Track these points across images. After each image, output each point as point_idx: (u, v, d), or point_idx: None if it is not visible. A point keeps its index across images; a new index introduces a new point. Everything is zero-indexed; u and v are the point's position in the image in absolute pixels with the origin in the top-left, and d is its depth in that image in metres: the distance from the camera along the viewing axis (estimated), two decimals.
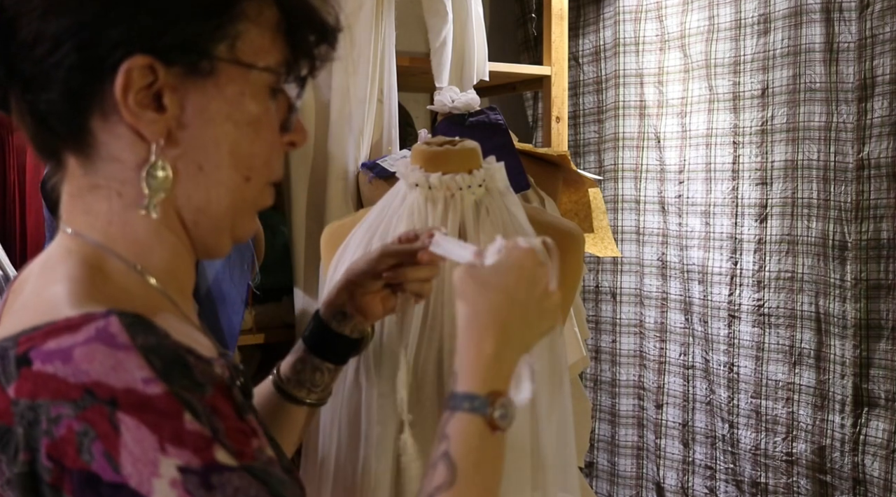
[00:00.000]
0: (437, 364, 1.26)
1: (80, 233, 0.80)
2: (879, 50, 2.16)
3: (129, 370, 0.69)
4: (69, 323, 0.71)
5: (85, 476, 0.67)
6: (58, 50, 0.74)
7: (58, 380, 0.68)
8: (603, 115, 2.94)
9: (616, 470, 2.98)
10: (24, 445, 0.68)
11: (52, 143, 0.80)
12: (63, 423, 0.67)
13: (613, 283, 2.96)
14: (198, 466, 0.68)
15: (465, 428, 0.85)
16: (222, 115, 0.80)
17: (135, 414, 0.68)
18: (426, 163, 1.32)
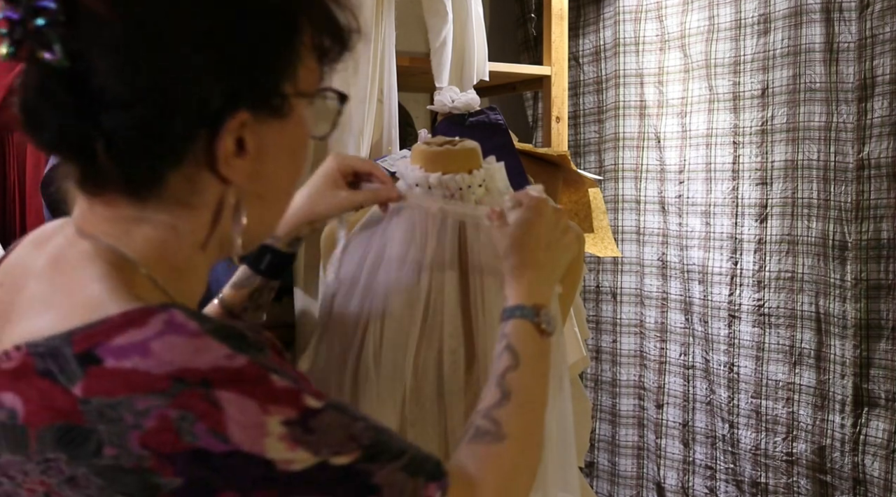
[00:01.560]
0: (437, 364, 1.26)
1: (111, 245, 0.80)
2: (879, 50, 2.16)
3: (210, 351, 0.72)
4: (128, 318, 0.73)
5: (191, 454, 0.70)
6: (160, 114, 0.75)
7: (139, 373, 0.70)
8: (603, 115, 2.94)
9: (616, 470, 2.98)
10: (109, 441, 0.70)
11: (111, 188, 0.79)
12: (153, 414, 0.70)
13: (614, 283, 2.95)
14: (296, 416, 0.73)
15: (520, 328, 1.05)
16: (286, 147, 0.84)
17: (230, 387, 0.71)
18: (426, 163, 1.32)
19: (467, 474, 0.90)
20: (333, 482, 0.75)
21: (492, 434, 0.94)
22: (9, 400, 0.74)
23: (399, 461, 0.79)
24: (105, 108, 0.74)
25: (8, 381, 0.74)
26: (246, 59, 0.77)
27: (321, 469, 0.74)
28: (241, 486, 0.72)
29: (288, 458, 0.73)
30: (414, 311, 1.26)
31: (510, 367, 1.01)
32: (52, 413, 0.72)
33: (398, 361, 1.25)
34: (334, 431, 0.75)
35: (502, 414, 0.97)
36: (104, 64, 0.73)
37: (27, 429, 0.73)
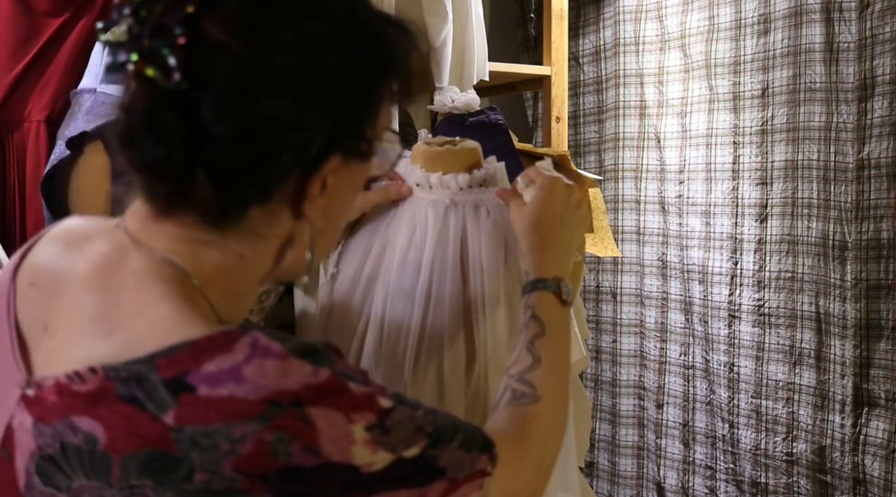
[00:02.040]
0: (437, 364, 1.26)
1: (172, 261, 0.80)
2: (879, 50, 2.16)
3: (297, 371, 0.73)
4: (214, 342, 0.73)
5: (284, 472, 0.71)
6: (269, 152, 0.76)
7: (236, 401, 0.71)
8: (603, 115, 2.94)
9: (616, 470, 2.98)
10: (201, 468, 0.70)
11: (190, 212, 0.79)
12: (250, 440, 0.70)
13: (614, 283, 2.95)
14: (375, 420, 0.76)
15: (543, 299, 1.11)
16: (354, 186, 0.88)
17: (319, 403, 0.73)
18: (427, 163, 1.32)
19: (512, 436, 0.95)
20: (408, 474, 0.78)
21: (528, 396, 1.01)
22: (86, 425, 0.72)
23: (455, 440, 0.82)
24: (213, 139, 0.74)
25: (83, 404, 0.72)
26: (349, 107, 0.80)
27: (397, 464, 0.77)
28: (329, 493, 0.74)
29: (370, 461, 0.75)
30: (414, 310, 1.26)
31: (538, 334, 1.07)
32: (140, 441, 0.71)
33: (398, 361, 1.25)
34: (404, 426, 0.78)
35: (535, 377, 1.03)
36: (218, 95, 0.74)
37: (109, 456, 0.71)
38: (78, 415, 0.72)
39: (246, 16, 0.75)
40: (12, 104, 1.84)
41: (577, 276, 1.40)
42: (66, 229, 0.89)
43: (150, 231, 0.81)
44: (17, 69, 1.83)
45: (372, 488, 0.76)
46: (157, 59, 0.72)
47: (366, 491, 0.76)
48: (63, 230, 0.89)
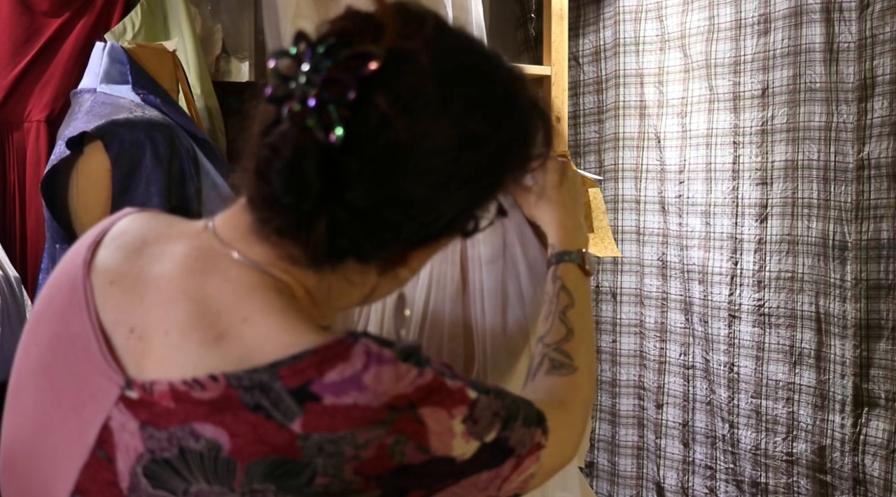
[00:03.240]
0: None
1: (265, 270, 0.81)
2: (879, 50, 2.16)
3: (406, 374, 0.76)
4: (332, 351, 0.74)
5: (396, 471, 0.75)
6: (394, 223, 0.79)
7: (361, 408, 0.73)
8: (603, 115, 2.94)
9: (616, 470, 2.98)
10: (324, 472, 0.73)
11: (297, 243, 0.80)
12: (374, 445, 0.73)
13: (613, 283, 2.95)
14: (468, 411, 0.79)
15: (570, 271, 1.17)
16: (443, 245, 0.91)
17: (428, 403, 0.76)
18: None
19: (558, 406, 0.98)
20: (488, 457, 0.82)
21: (567, 367, 1.05)
22: (209, 432, 0.73)
23: (519, 418, 0.85)
24: (347, 203, 0.76)
25: (206, 411, 0.73)
26: (481, 197, 0.86)
27: (482, 450, 0.81)
28: (429, 484, 0.78)
29: (464, 451, 0.79)
30: (414, 310, 1.26)
31: (568, 305, 1.12)
32: (266, 448, 0.72)
33: None
34: (486, 414, 0.81)
35: (571, 348, 1.08)
36: (368, 164, 0.75)
37: (234, 462, 0.73)
38: (200, 422, 0.73)
39: (418, 98, 0.76)
40: (12, 104, 1.84)
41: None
42: (136, 224, 0.89)
43: (248, 244, 0.82)
44: (17, 69, 1.84)
45: (462, 475, 0.80)
46: (322, 113, 0.73)
47: (456, 478, 0.80)
48: (131, 225, 0.89)
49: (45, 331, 0.84)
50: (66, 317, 0.82)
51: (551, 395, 1.01)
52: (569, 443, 0.97)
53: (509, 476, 0.85)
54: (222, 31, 2.26)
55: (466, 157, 0.80)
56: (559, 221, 1.24)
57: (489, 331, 1.27)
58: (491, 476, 0.83)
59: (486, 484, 0.83)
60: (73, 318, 0.82)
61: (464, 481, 0.81)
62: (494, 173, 0.85)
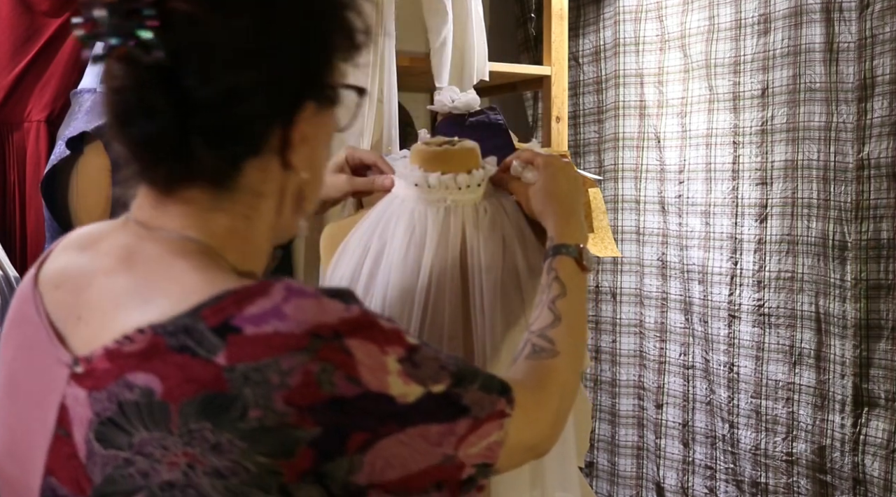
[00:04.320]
0: None
1: (191, 237, 0.86)
2: (879, 50, 2.16)
3: (331, 307, 0.80)
4: (251, 290, 0.79)
5: (329, 402, 0.77)
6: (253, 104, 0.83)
7: (282, 335, 0.76)
8: (603, 115, 2.94)
9: (616, 470, 2.98)
10: (255, 404, 0.75)
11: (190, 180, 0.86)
12: (298, 372, 0.76)
13: (613, 283, 2.95)
14: (405, 353, 0.82)
15: (565, 264, 1.18)
16: (328, 135, 0.95)
17: (356, 335, 0.79)
18: (425, 163, 1.32)
19: (531, 385, 1.01)
20: (436, 408, 0.84)
21: (548, 351, 1.07)
22: (141, 380, 0.76)
23: (476, 382, 0.88)
24: (199, 105, 0.81)
25: (136, 362, 0.77)
26: (313, 57, 0.88)
27: (427, 398, 0.83)
28: (370, 424, 0.79)
29: (404, 393, 0.81)
30: (413, 311, 1.26)
31: (559, 295, 1.14)
32: (196, 385, 0.75)
33: None
34: (430, 363, 0.84)
35: (555, 334, 1.09)
36: (197, 63, 0.81)
37: (168, 404, 0.75)
38: (132, 372, 0.77)
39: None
40: (12, 104, 1.84)
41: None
42: (77, 236, 0.95)
43: (159, 215, 0.87)
44: (17, 69, 1.84)
45: (406, 420, 0.81)
46: (136, 40, 0.78)
47: (400, 423, 0.81)
48: (73, 238, 0.95)
49: (10, 346, 0.91)
50: (23, 328, 0.89)
51: (527, 375, 1.04)
52: (541, 422, 0.99)
53: (466, 436, 0.86)
54: None
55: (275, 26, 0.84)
56: (558, 216, 1.25)
57: (489, 331, 1.27)
58: (442, 431, 0.84)
59: (437, 439, 0.84)
60: (29, 326, 0.88)
61: (410, 429, 0.82)
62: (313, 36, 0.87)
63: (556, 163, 1.30)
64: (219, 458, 0.75)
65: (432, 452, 0.84)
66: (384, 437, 0.80)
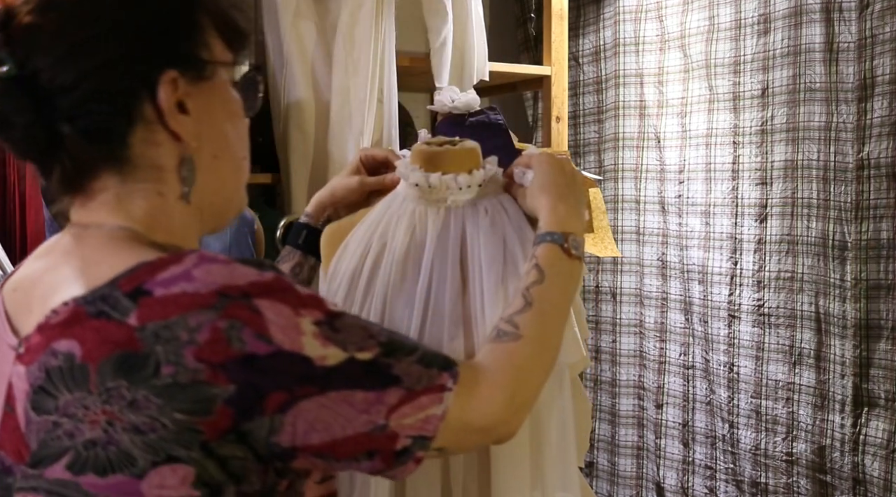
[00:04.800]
0: None
1: (118, 225, 0.93)
2: (879, 50, 2.16)
3: (242, 272, 0.85)
4: (164, 260, 0.85)
5: (241, 360, 0.81)
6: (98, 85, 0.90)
7: (189, 295, 0.82)
8: (603, 115, 2.94)
9: (616, 470, 2.98)
10: (167, 360, 0.80)
11: (92, 166, 0.93)
12: (206, 328, 0.81)
13: (613, 283, 2.95)
14: (323, 317, 0.86)
15: (549, 252, 1.14)
16: (219, 109, 0.99)
17: (266, 296, 0.84)
18: (426, 163, 1.32)
19: (480, 366, 1.01)
20: (361, 375, 0.87)
21: (510, 335, 1.05)
22: (63, 346, 0.83)
23: (413, 355, 0.91)
24: (56, 95, 0.89)
25: (59, 330, 0.83)
26: (158, 32, 0.93)
27: (350, 363, 0.86)
28: (286, 384, 0.83)
29: (322, 355, 0.84)
30: (414, 310, 1.26)
31: (536, 281, 1.11)
32: (111, 345, 0.81)
33: None
34: (356, 330, 0.88)
35: (522, 319, 1.06)
36: (45, 61, 0.89)
37: (87, 365, 0.81)
38: (56, 341, 0.83)
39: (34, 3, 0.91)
40: None
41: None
42: (39, 248, 1.03)
43: (87, 213, 0.95)
44: None
45: (327, 384, 0.85)
46: None
47: (320, 386, 0.84)
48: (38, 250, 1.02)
49: None
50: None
51: (482, 356, 1.03)
52: (492, 403, 0.97)
53: (398, 407, 0.88)
54: None
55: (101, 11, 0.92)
56: (550, 207, 1.22)
57: (489, 331, 1.27)
58: (369, 398, 0.86)
59: (364, 406, 0.86)
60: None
61: (332, 393, 0.85)
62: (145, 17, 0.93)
63: (548, 158, 1.28)
64: (136, 414, 0.80)
65: (358, 419, 0.86)
66: (303, 398, 0.84)
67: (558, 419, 1.30)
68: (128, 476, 0.81)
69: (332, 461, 0.88)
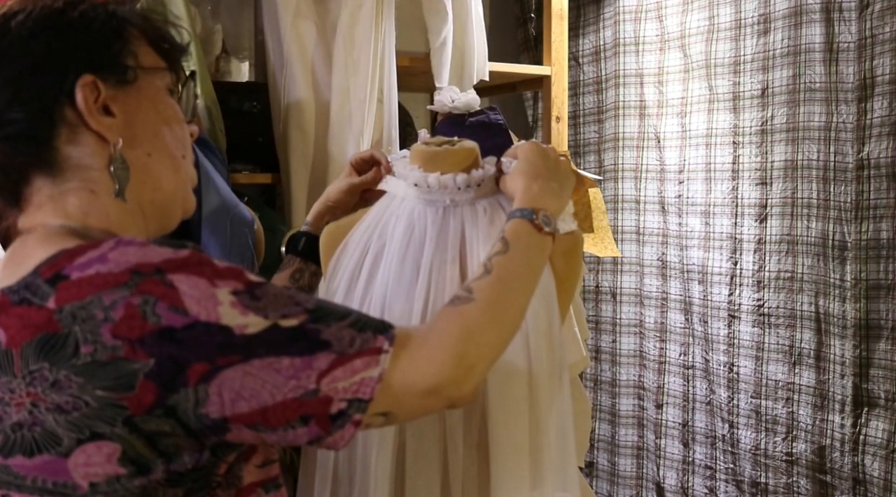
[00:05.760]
0: None
1: (55, 225, 0.97)
2: (879, 50, 2.16)
3: (157, 251, 0.87)
4: (83, 246, 0.88)
5: (157, 334, 0.83)
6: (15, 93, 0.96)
7: (102, 275, 0.85)
8: (603, 115, 2.94)
9: (616, 470, 2.98)
10: (84, 340, 0.83)
11: (22, 172, 0.98)
12: (120, 305, 0.84)
13: (613, 283, 2.95)
14: (243, 287, 0.88)
15: (517, 226, 1.14)
16: (151, 111, 1.03)
17: (180, 271, 0.86)
18: (425, 163, 1.32)
19: (424, 328, 0.99)
20: (286, 341, 0.87)
21: (463, 299, 1.02)
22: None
23: (345, 321, 0.91)
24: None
25: None
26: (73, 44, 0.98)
27: (273, 330, 0.87)
28: (207, 355, 0.84)
29: (242, 323, 0.86)
30: (413, 311, 1.26)
31: (499, 252, 1.10)
32: (32, 329, 0.85)
33: None
34: (279, 299, 0.89)
35: (478, 285, 1.04)
36: None
37: (11, 351, 0.85)
38: None
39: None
40: None
41: (577, 276, 1.39)
42: None
43: (28, 220, 0.99)
44: None
45: (250, 352, 0.85)
46: None
47: (244, 354, 0.85)
48: None
49: None
50: None
51: (432, 320, 1.00)
52: (435, 362, 0.94)
53: (329, 371, 0.88)
54: (222, 31, 2.25)
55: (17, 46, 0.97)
56: (525, 186, 1.22)
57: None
58: (297, 364, 0.87)
59: (291, 371, 0.87)
60: None
61: (256, 361, 0.85)
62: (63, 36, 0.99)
63: (531, 145, 1.30)
64: (58, 394, 0.84)
65: (287, 385, 0.87)
66: (226, 367, 0.85)
67: (558, 419, 1.29)
68: (54, 455, 0.85)
69: (267, 431, 0.88)
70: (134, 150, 1.01)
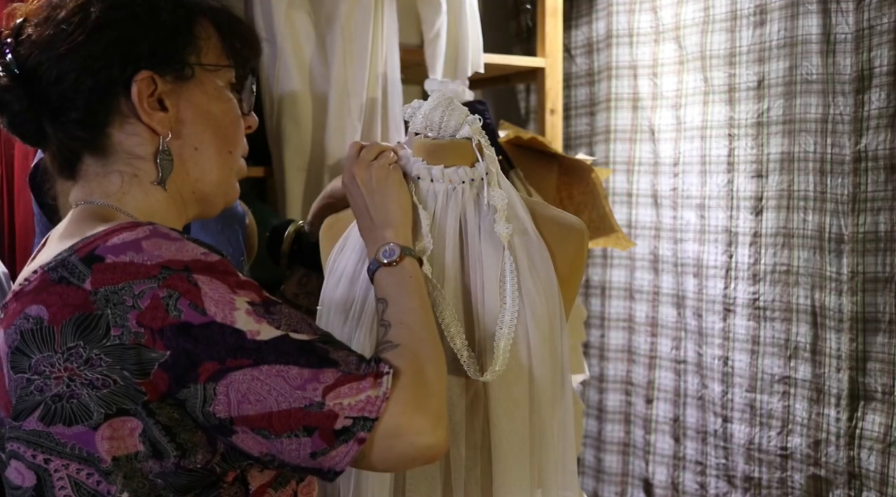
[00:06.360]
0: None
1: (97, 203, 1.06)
2: (877, 41, 2.14)
3: (190, 250, 0.95)
4: (120, 226, 0.96)
5: (176, 328, 0.91)
6: (78, 81, 1.02)
7: (135, 265, 0.93)
8: (595, 107, 2.93)
9: (602, 466, 2.98)
10: (114, 323, 0.91)
11: (76, 151, 1.06)
12: (148, 295, 0.91)
13: (602, 277, 2.95)
14: (259, 301, 0.96)
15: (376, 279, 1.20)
16: (206, 107, 1.09)
17: (205, 273, 0.94)
18: (428, 155, 1.32)
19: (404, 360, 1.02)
20: (296, 352, 0.93)
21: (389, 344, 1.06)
22: (34, 311, 0.94)
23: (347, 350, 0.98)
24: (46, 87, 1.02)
25: (31, 297, 0.96)
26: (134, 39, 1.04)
27: (284, 340, 0.93)
28: (219, 354, 0.91)
29: (255, 329, 0.93)
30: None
31: (382, 310, 1.15)
32: (71, 308, 0.92)
33: None
34: (292, 317, 0.97)
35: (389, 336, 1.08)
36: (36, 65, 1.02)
37: (53, 327, 0.93)
38: (28, 305, 0.95)
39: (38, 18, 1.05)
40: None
41: (579, 271, 1.39)
42: None
43: (75, 195, 1.08)
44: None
45: (260, 358, 0.92)
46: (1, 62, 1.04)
47: (254, 359, 0.91)
48: None
49: None
50: None
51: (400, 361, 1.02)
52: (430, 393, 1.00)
53: (335, 387, 0.93)
54: None
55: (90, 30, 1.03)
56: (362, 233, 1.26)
57: (490, 325, 1.27)
58: (304, 375, 0.92)
59: (299, 382, 0.92)
60: None
61: (266, 367, 0.91)
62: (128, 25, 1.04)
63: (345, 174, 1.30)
64: (91, 371, 0.92)
65: (293, 394, 0.92)
66: (235, 369, 0.91)
67: (560, 420, 1.30)
68: (86, 427, 0.93)
69: (272, 437, 0.92)
70: (182, 142, 1.08)
